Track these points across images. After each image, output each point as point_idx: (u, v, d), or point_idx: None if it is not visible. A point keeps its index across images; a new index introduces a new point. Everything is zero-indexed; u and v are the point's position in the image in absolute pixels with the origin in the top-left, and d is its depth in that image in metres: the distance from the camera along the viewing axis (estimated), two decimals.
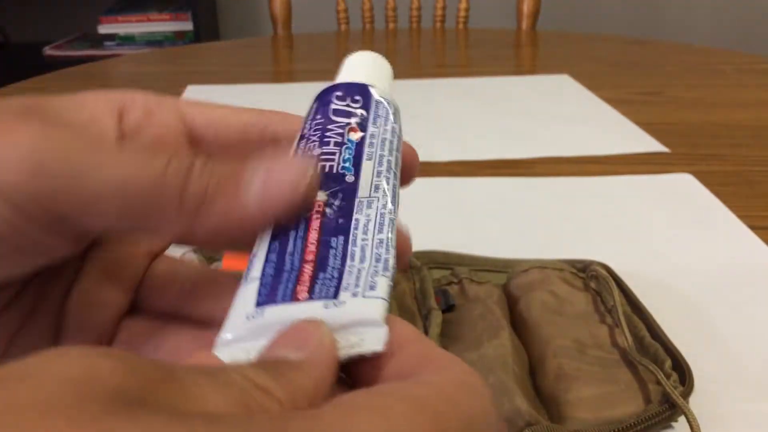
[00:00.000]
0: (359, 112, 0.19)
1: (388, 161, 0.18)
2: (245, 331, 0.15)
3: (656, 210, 0.50)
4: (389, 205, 0.17)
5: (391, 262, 0.16)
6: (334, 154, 0.18)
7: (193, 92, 0.80)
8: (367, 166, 0.18)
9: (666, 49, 1.00)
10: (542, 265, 0.38)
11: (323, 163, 0.17)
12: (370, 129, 0.19)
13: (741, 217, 0.48)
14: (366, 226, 0.16)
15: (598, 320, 0.35)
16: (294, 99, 0.78)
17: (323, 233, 0.16)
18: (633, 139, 0.64)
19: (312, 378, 0.13)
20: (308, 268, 0.15)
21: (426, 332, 0.34)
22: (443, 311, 0.35)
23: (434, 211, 0.50)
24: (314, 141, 0.18)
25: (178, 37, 1.71)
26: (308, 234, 0.16)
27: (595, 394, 0.30)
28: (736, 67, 0.88)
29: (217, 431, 0.10)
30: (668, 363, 0.31)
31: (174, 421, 0.10)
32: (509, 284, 0.38)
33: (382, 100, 0.20)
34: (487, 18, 1.71)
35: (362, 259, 0.16)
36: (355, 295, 0.15)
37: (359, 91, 0.20)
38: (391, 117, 0.19)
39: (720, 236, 0.46)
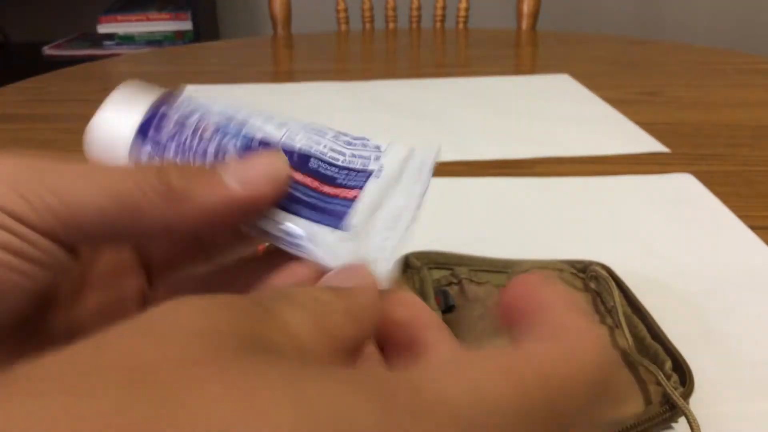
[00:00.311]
0: (181, 114, 0.21)
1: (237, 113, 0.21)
2: (360, 228, 0.19)
3: (656, 210, 0.50)
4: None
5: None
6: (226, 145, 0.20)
7: (193, 92, 0.80)
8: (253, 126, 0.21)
9: (666, 49, 1.00)
10: (542, 266, 0.38)
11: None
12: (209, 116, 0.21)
13: (741, 217, 0.48)
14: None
15: (597, 321, 0.35)
16: (294, 99, 0.78)
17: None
18: (633, 139, 0.64)
19: (363, 299, 0.16)
20: None
21: None
22: (443, 312, 0.35)
23: (434, 211, 0.50)
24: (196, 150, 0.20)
25: (177, 37, 1.71)
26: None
27: None
28: (736, 67, 0.88)
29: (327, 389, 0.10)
30: (668, 364, 0.31)
31: (295, 371, 0.10)
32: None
33: (180, 96, 0.22)
34: (487, 18, 1.71)
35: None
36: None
37: (161, 104, 0.22)
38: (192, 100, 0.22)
39: (720, 236, 0.46)
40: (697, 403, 0.29)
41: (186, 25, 1.70)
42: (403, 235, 0.19)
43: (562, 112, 0.72)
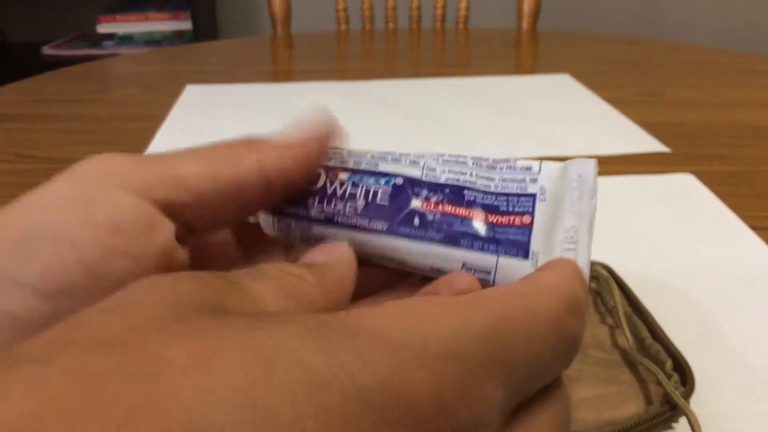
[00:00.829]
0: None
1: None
2: None
3: (657, 210, 0.50)
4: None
5: None
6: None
7: (192, 92, 0.80)
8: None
9: (667, 49, 1.00)
10: None
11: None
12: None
13: (742, 217, 0.48)
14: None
15: (598, 321, 0.35)
16: (293, 98, 0.78)
17: None
18: (634, 139, 0.64)
19: (336, 273, 0.16)
20: None
21: None
22: None
23: None
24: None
25: (176, 37, 1.71)
26: None
27: (596, 395, 0.30)
28: (737, 67, 0.88)
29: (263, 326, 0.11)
30: (669, 363, 0.31)
31: (251, 321, 0.12)
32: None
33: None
34: (488, 17, 1.71)
35: None
36: None
37: None
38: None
39: (721, 236, 0.46)
40: (697, 403, 0.29)
41: (185, 25, 1.70)
42: (586, 253, 0.18)
43: (563, 112, 0.72)
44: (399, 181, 0.19)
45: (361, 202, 0.19)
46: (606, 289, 0.36)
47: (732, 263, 0.43)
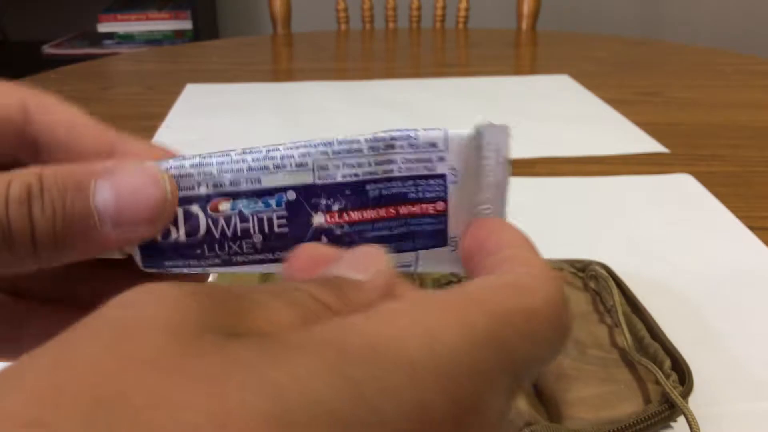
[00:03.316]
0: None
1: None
2: None
3: (656, 210, 0.50)
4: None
5: None
6: None
7: (192, 91, 0.80)
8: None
9: (666, 50, 1.00)
10: None
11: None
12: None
13: (740, 217, 0.48)
14: None
15: (597, 320, 0.35)
16: (293, 98, 0.78)
17: None
18: (632, 139, 0.64)
19: (370, 297, 0.14)
20: None
21: None
22: None
23: None
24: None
25: (177, 36, 1.71)
26: None
27: (595, 394, 0.30)
28: (736, 67, 0.88)
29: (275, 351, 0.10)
30: (667, 363, 0.31)
31: (260, 344, 0.10)
32: None
33: None
34: (487, 18, 1.71)
35: None
36: None
37: None
38: None
39: (719, 237, 0.46)
40: (696, 403, 0.29)
41: (186, 24, 1.70)
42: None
43: (562, 112, 0.72)
44: (291, 195, 0.17)
45: (257, 237, 0.17)
46: (605, 289, 0.36)
47: (730, 263, 0.43)
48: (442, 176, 0.17)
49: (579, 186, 0.54)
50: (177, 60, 0.99)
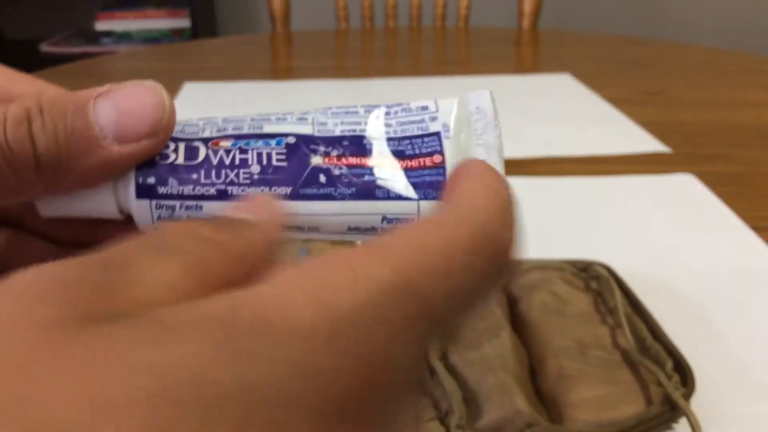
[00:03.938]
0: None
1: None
2: None
3: (658, 210, 0.50)
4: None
5: None
6: None
7: (191, 89, 0.80)
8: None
9: (668, 49, 0.99)
10: (543, 266, 0.38)
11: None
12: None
13: (743, 218, 0.48)
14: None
15: (599, 321, 0.34)
16: (293, 96, 0.78)
17: None
18: (634, 139, 0.64)
19: (264, 235, 0.13)
20: None
21: None
22: None
23: None
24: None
25: (175, 34, 1.71)
26: None
27: (596, 395, 0.29)
28: (739, 67, 0.88)
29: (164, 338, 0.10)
30: (670, 364, 0.31)
31: (124, 329, 0.10)
32: (510, 284, 0.38)
33: None
34: (488, 16, 1.71)
35: None
36: None
37: None
38: None
39: (722, 237, 0.46)
40: (698, 404, 0.29)
41: (184, 22, 1.70)
42: None
43: (563, 111, 0.72)
44: (291, 139, 0.17)
45: (255, 167, 0.17)
46: (607, 290, 0.36)
47: (733, 264, 0.43)
48: (437, 133, 0.18)
49: (580, 186, 0.54)
50: (175, 58, 0.99)
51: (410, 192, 0.17)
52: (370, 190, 0.17)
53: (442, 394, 0.30)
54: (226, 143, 0.17)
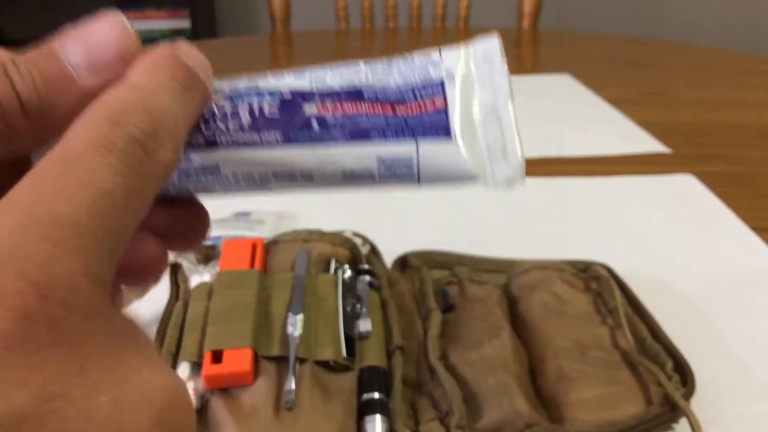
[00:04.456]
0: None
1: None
2: None
3: (658, 211, 0.50)
4: None
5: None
6: None
7: None
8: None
9: (668, 49, 0.99)
10: (543, 266, 0.38)
11: None
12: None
13: (743, 218, 0.48)
14: None
15: (599, 321, 0.34)
16: None
17: None
18: (634, 139, 0.64)
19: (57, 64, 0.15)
20: None
21: (425, 333, 0.34)
22: (443, 311, 0.35)
23: (434, 210, 0.50)
24: None
25: (175, 35, 1.71)
26: None
27: (596, 395, 0.29)
28: (738, 67, 0.88)
29: None
30: (670, 364, 0.31)
31: None
32: (510, 285, 0.38)
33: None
34: (488, 16, 1.71)
35: None
36: None
37: None
38: None
39: (722, 237, 0.46)
40: (698, 404, 0.29)
41: (184, 23, 1.70)
42: (513, 128, 0.17)
43: (563, 111, 0.72)
44: (287, 95, 0.17)
45: (246, 118, 0.17)
46: (606, 290, 0.36)
47: (733, 264, 0.43)
48: (440, 80, 0.18)
49: (580, 186, 0.54)
50: None
51: (408, 134, 0.17)
52: (364, 132, 0.17)
53: (442, 395, 0.30)
54: (219, 99, 0.17)
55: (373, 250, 0.39)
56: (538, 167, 0.58)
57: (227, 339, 0.29)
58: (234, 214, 0.45)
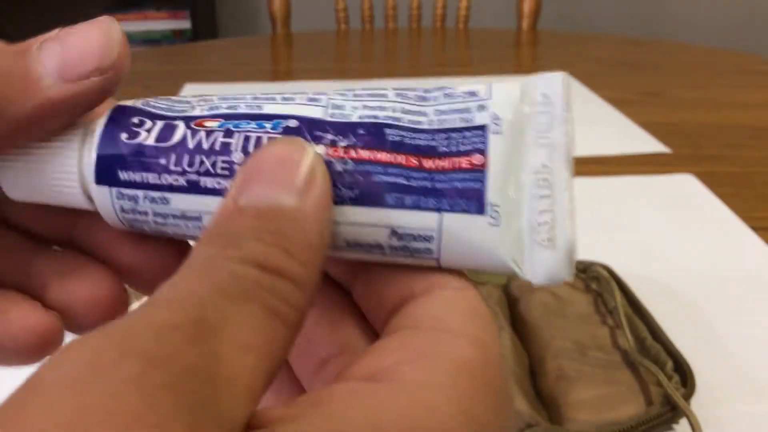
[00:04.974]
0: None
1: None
2: None
3: (658, 211, 0.50)
4: None
5: None
6: None
7: (191, 91, 0.80)
8: None
9: (667, 49, 0.99)
10: None
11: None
12: None
13: (743, 218, 0.48)
14: None
15: (599, 321, 0.34)
16: None
17: None
18: (634, 139, 0.64)
19: (304, 226, 0.12)
20: None
21: None
22: None
23: None
24: None
25: (176, 36, 1.71)
26: None
27: (596, 396, 0.29)
28: (738, 67, 0.88)
29: None
30: (670, 364, 0.31)
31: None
32: (509, 285, 0.38)
33: None
34: (488, 17, 1.71)
35: None
36: None
37: None
38: None
39: (722, 237, 0.46)
40: (698, 404, 0.29)
41: (184, 24, 1.70)
42: (569, 205, 0.13)
43: None
44: (292, 123, 0.14)
45: (237, 156, 0.14)
46: (607, 290, 0.36)
47: (733, 264, 0.43)
48: (482, 127, 0.14)
49: (580, 186, 0.54)
50: (175, 60, 0.99)
51: (431, 201, 0.13)
52: (377, 195, 0.13)
53: None
54: (212, 123, 0.14)
55: None
56: None
57: None
58: None
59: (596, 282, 0.37)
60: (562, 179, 0.13)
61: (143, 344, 0.09)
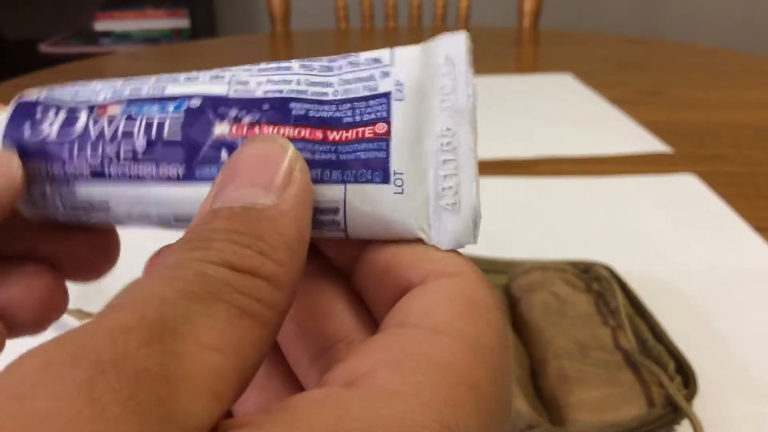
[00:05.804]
0: None
1: None
2: None
3: (659, 211, 0.50)
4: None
5: None
6: None
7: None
8: None
9: (669, 49, 0.99)
10: (544, 266, 0.38)
11: None
12: None
13: (745, 218, 0.48)
14: None
15: (600, 322, 0.34)
16: None
17: None
18: (636, 139, 0.64)
19: (283, 230, 0.11)
20: None
21: None
22: None
23: None
24: None
25: (174, 34, 1.71)
26: None
27: (597, 397, 0.29)
28: (739, 67, 0.88)
29: None
30: (672, 365, 0.30)
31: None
32: (510, 285, 0.37)
33: None
34: (489, 16, 1.70)
35: None
36: None
37: None
38: None
39: (724, 237, 0.46)
40: (700, 406, 0.29)
41: (183, 22, 1.69)
42: (472, 168, 0.13)
43: (564, 111, 0.71)
44: (195, 102, 0.14)
45: (141, 142, 0.14)
46: (608, 291, 0.36)
47: (735, 264, 0.42)
48: (386, 94, 0.14)
49: (581, 186, 0.54)
50: (174, 58, 0.99)
51: (336, 173, 0.13)
52: None
53: None
54: (115, 110, 0.14)
55: None
56: (538, 167, 0.58)
57: None
58: None
59: (597, 282, 0.37)
60: (467, 142, 0.13)
61: (95, 348, 0.09)
